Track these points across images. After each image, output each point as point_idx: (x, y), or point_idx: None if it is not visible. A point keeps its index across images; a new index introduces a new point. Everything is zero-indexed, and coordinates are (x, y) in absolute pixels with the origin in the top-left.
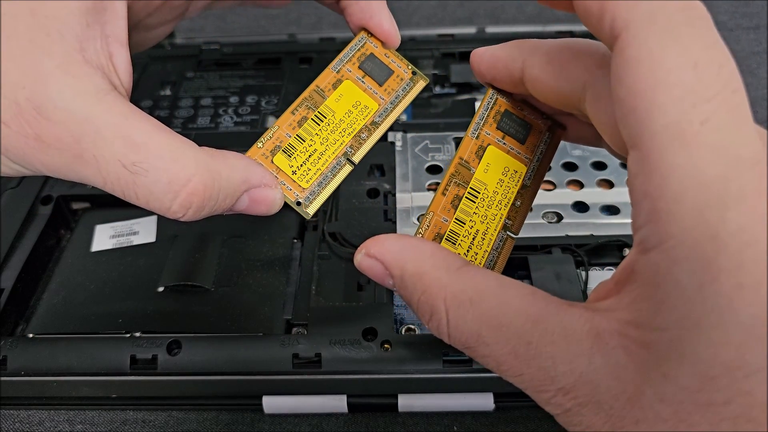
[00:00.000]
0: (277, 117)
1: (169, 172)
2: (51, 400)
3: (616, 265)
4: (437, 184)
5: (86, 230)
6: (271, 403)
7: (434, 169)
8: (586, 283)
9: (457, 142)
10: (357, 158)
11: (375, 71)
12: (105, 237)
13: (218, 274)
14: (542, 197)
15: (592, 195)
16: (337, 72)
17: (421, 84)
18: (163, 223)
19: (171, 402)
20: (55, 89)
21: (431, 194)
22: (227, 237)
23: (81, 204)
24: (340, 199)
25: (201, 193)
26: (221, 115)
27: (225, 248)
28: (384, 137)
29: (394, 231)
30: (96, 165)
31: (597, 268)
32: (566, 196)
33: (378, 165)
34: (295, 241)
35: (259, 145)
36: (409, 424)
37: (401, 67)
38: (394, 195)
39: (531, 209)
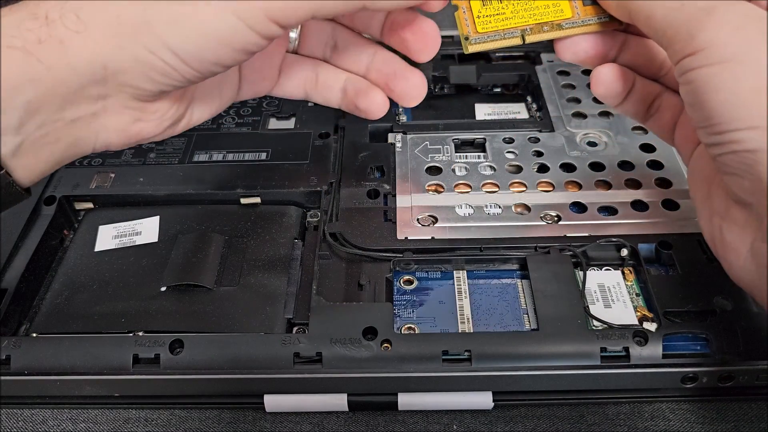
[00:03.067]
0: (278, 119)
1: None
2: (54, 399)
3: (613, 265)
4: (437, 184)
5: (89, 230)
6: (273, 402)
7: (434, 170)
8: (584, 283)
9: (456, 143)
10: (529, 39)
11: None
12: (108, 237)
13: (220, 273)
14: (541, 198)
15: (590, 196)
16: None
17: (610, 24)
18: (166, 223)
19: (173, 401)
20: None
21: (431, 195)
22: (229, 237)
23: (84, 204)
24: (340, 200)
25: None
26: (223, 116)
27: (227, 248)
28: (384, 138)
29: (394, 231)
30: None
31: (595, 268)
32: (564, 196)
33: (378, 166)
34: (296, 241)
35: None
36: (409, 422)
37: (605, 4)
38: (394, 195)
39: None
